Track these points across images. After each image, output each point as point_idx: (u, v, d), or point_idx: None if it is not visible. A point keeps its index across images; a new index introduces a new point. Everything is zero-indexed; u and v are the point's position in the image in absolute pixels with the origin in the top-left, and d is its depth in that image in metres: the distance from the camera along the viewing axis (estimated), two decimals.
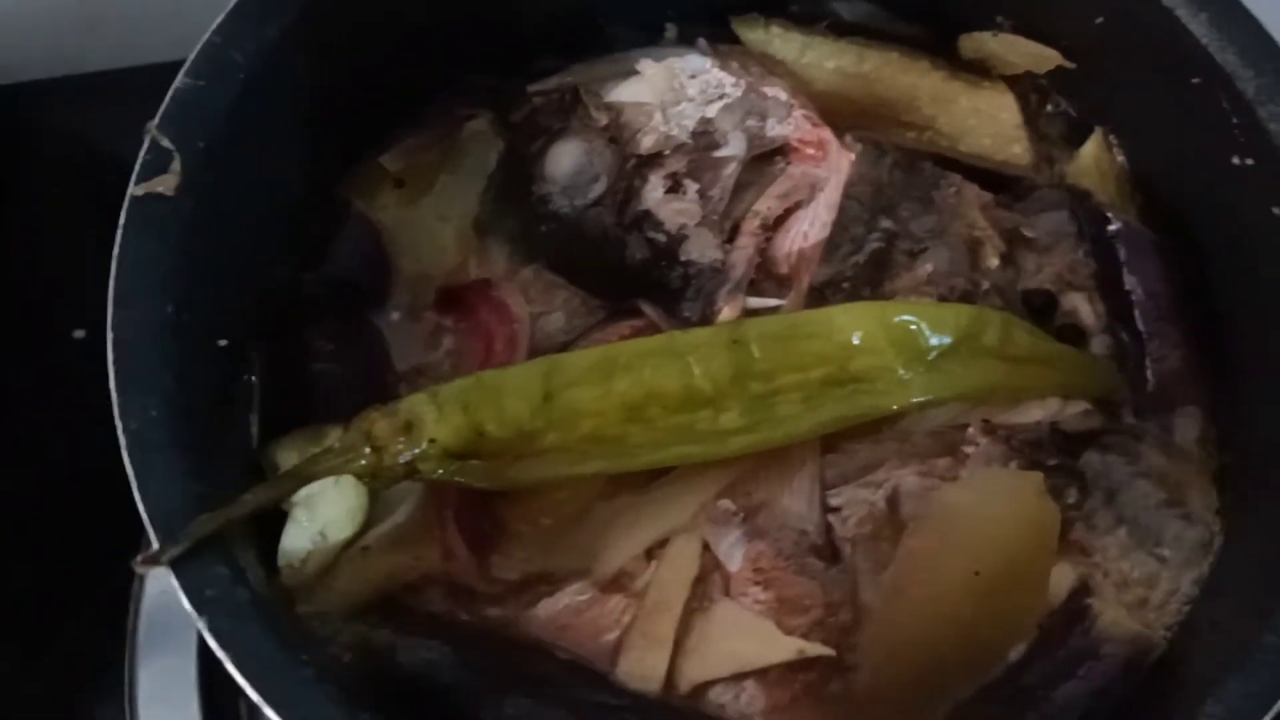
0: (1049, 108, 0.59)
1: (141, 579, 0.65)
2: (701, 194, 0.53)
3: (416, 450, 0.45)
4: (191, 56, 0.47)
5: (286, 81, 0.50)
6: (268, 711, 0.38)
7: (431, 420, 0.46)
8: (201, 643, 0.64)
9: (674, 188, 0.53)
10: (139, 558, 0.39)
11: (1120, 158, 0.57)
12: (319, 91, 0.52)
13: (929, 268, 0.53)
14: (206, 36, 0.48)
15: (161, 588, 0.67)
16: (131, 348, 0.43)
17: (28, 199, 0.77)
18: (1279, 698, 0.39)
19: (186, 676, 0.63)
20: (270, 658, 0.39)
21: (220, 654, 0.38)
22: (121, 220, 0.44)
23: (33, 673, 0.67)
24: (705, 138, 0.54)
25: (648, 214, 0.53)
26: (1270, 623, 0.41)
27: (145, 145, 0.46)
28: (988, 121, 0.58)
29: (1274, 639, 0.41)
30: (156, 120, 0.46)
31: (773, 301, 0.52)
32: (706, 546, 0.50)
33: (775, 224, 0.54)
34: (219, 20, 0.48)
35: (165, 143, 0.46)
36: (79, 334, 0.72)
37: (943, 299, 0.53)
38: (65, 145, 0.79)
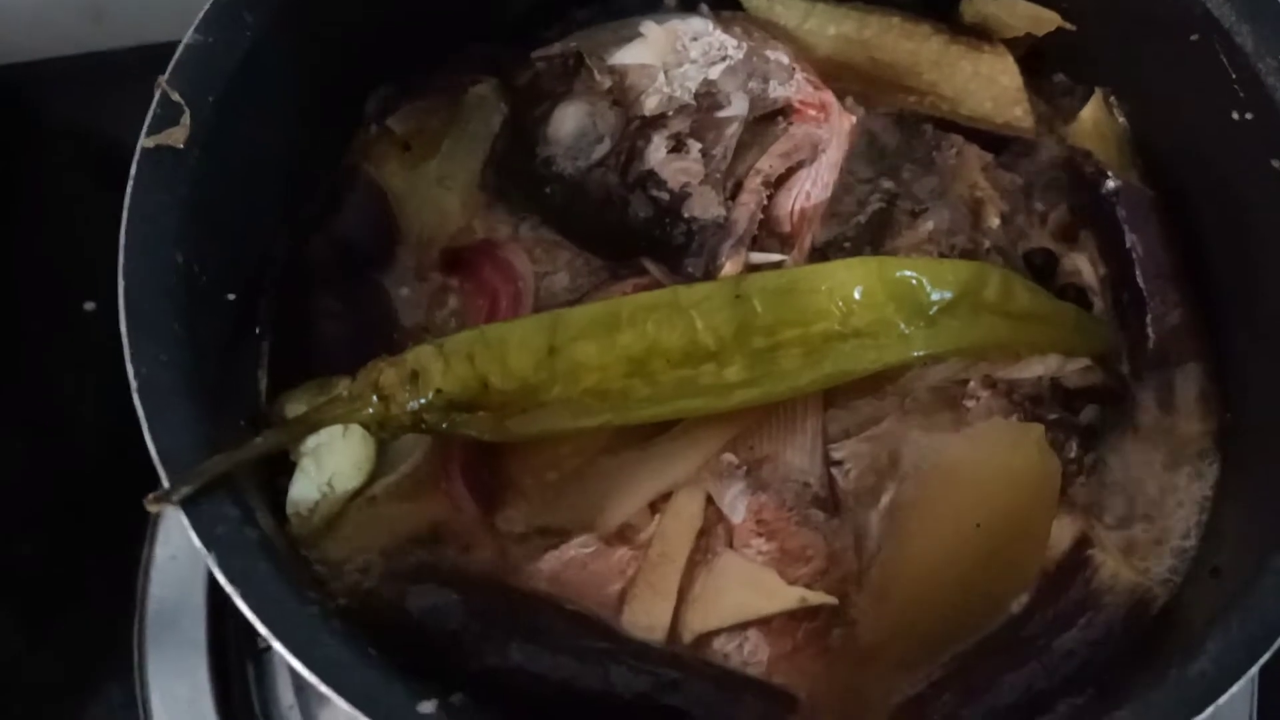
0: (1051, 71, 0.59)
1: (149, 558, 0.66)
2: (704, 153, 0.53)
3: (422, 400, 0.46)
4: (202, 13, 0.48)
5: (295, 42, 0.51)
6: (276, 646, 0.38)
7: (437, 371, 0.46)
8: (210, 620, 0.65)
9: (677, 147, 0.53)
10: (150, 495, 0.40)
11: (1121, 119, 0.58)
12: (328, 54, 0.53)
13: (929, 226, 0.54)
14: None
15: (171, 553, 0.68)
16: (141, 295, 0.43)
17: (38, 176, 0.78)
18: (1273, 641, 0.40)
19: (197, 653, 0.64)
20: (277, 594, 0.39)
21: (229, 589, 0.39)
22: (132, 172, 0.45)
23: (42, 651, 0.67)
24: (708, 98, 0.55)
25: (651, 173, 0.53)
26: (1266, 569, 0.41)
27: (155, 99, 0.46)
28: (989, 85, 0.59)
29: (1272, 581, 0.41)
30: (167, 74, 0.47)
31: (775, 256, 0.52)
32: (710, 500, 0.50)
33: (777, 182, 0.54)
34: None
35: (175, 97, 0.46)
36: (90, 306, 0.73)
37: (943, 256, 0.53)
38: (74, 123, 0.80)
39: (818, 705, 0.47)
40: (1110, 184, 0.55)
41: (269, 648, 0.43)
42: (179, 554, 0.67)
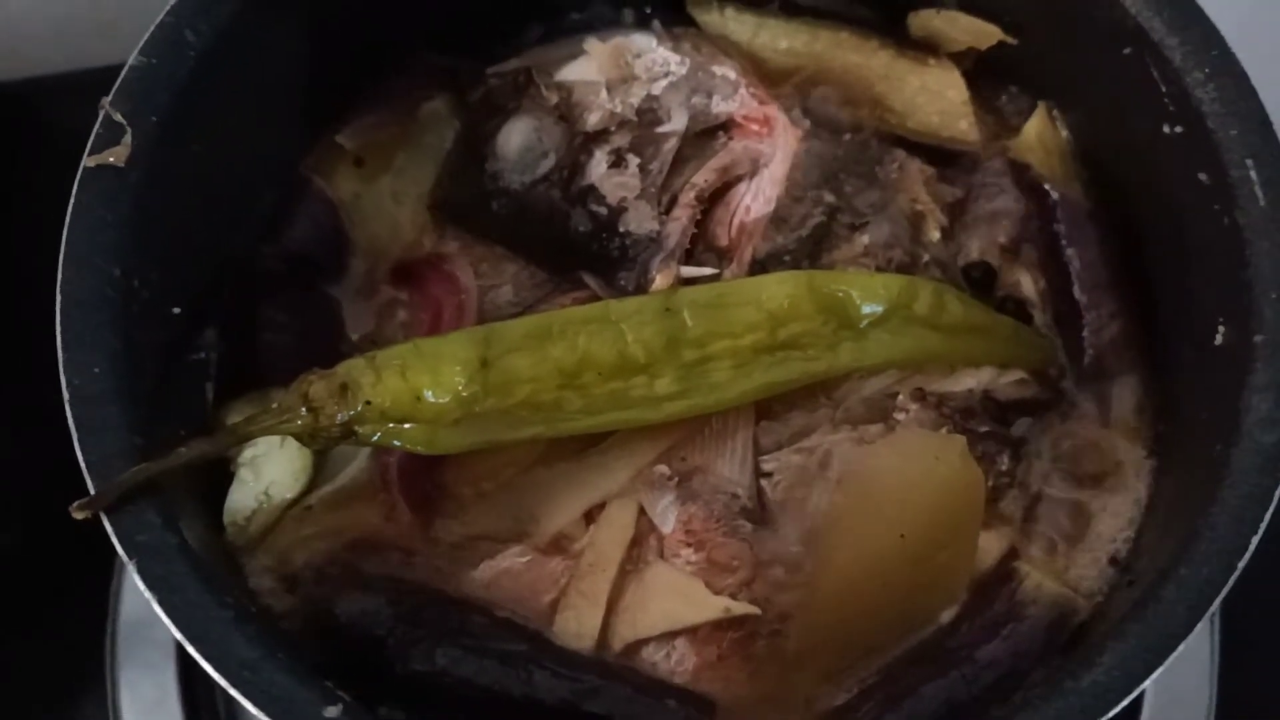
0: (998, 85, 0.60)
1: (119, 584, 0.67)
2: (642, 168, 0.54)
3: (352, 412, 0.47)
4: (146, 36, 0.49)
5: (240, 61, 0.52)
6: (190, 650, 0.40)
7: (368, 384, 0.47)
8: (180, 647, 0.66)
9: (617, 162, 0.54)
10: (75, 504, 0.41)
11: (1064, 132, 0.58)
12: (274, 71, 0.54)
13: (866, 239, 0.54)
14: (161, 17, 0.50)
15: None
16: (78, 307, 0.45)
17: (50, 188, 0.80)
18: (1169, 652, 0.40)
19: (166, 656, 0.66)
20: (194, 598, 0.40)
21: (147, 594, 0.40)
22: (74, 189, 0.47)
23: (15, 650, 0.69)
24: (649, 114, 0.56)
25: (591, 188, 0.54)
26: (1169, 579, 0.42)
27: (99, 119, 0.48)
28: (935, 99, 0.59)
29: (1172, 592, 0.41)
30: (110, 96, 0.48)
31: (706, 271, 0.53)
32: (642, 511, 0.51)
33: (714, 197, 0.55)
34: (173, 1, 0.50)
35: (118, 117, 0.48)
36: None
37: (880, 270, 0.54)
38: (85, 137, 0.82)
39: (739, 712, 0.48)
40: (1049, 197, 0.55)
41: None
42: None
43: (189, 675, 0.65)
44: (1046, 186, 0.55)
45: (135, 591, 0.67)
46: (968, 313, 0.53)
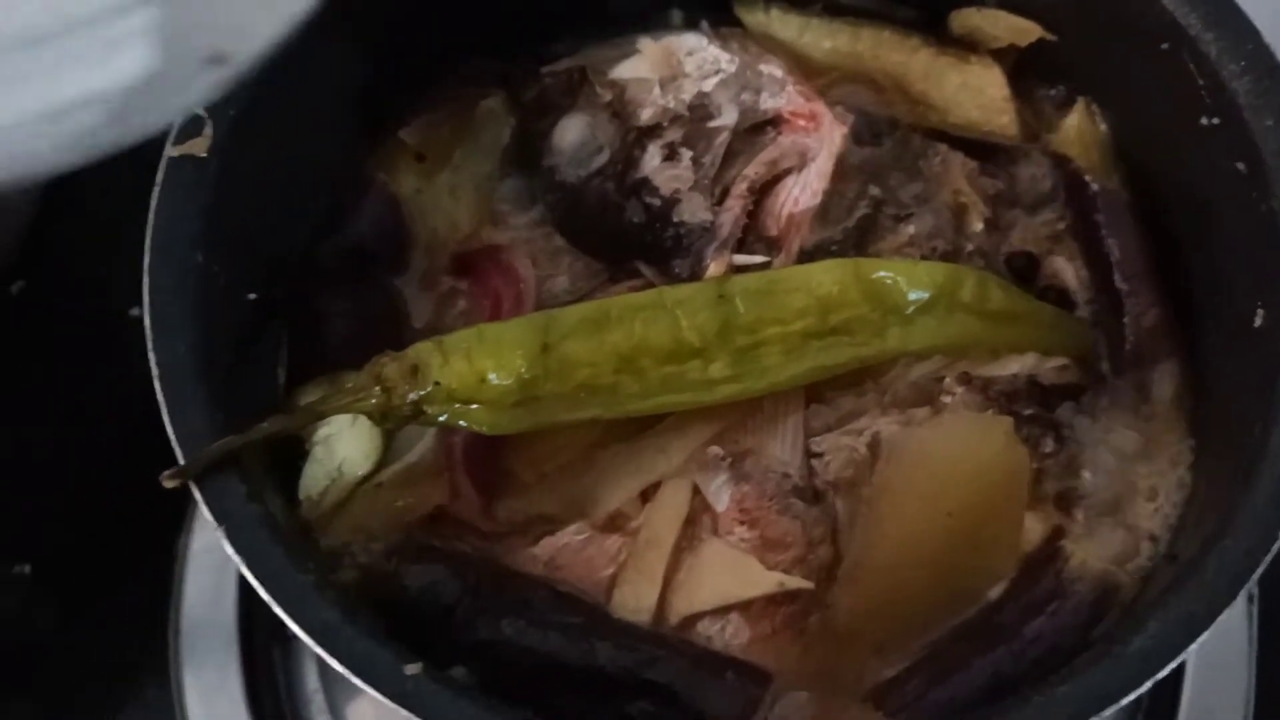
0: (1038, 81, 0.62)
1: (185, 548, 0.70)
2: (695, 161, 0.56)
3: (423, 392, 0.49)
4: None
5: (313, 60, 0.53)
6: (277, 611, 0.42)
7: (436, 365, 0.49)
8: (240, 608, 0.68)
9: (670, 156, 0.56)
10: (166, 472, 0.43)
11: (1103, 126, 0.59)
12: (339, 72, 0.57)
13: (911, 230, 0.56)
14: None
15: (206, 544, 0.72)
16: (165, 292, 0.47)
17: (86, 187, 0.82)
18: (1213, 618, 0.41)
19: (228, 639, 0.67)
20: (278, 564, 0.43)
21: (235, 559, 0.42)
22: (158, 178, 0.49)
23: (80, 637, 0.71)
24: (701, 110, 0.57)
25: (645, 181, 0.56)
26: (1210, 550, 0.43)
27: None
28: (976, 95, 0.61)
29: (1214, 562, 0.43)
30: None
31: (758, 258, 0.55)
32: (697, 490, 0.53)
33: (765, 189, 0.57)
34: None
35: (200, 111, 0.50)
36: (135, 312, 0.77)
37: (924, 259, 0.56)
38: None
39: (792, 683, 0.49)
40: (1089, 188, 0.57)
41: (295, 636, 0.46)
42: (213, 545, 0.70)
43: (251, 661, 0.67)
44: (1087, 178, 0.57)
45: (196, 574, 0.70)
46: (1010, 300, 0.54)
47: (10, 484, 0.72)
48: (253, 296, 0.53)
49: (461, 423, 0.50)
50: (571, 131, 0.59)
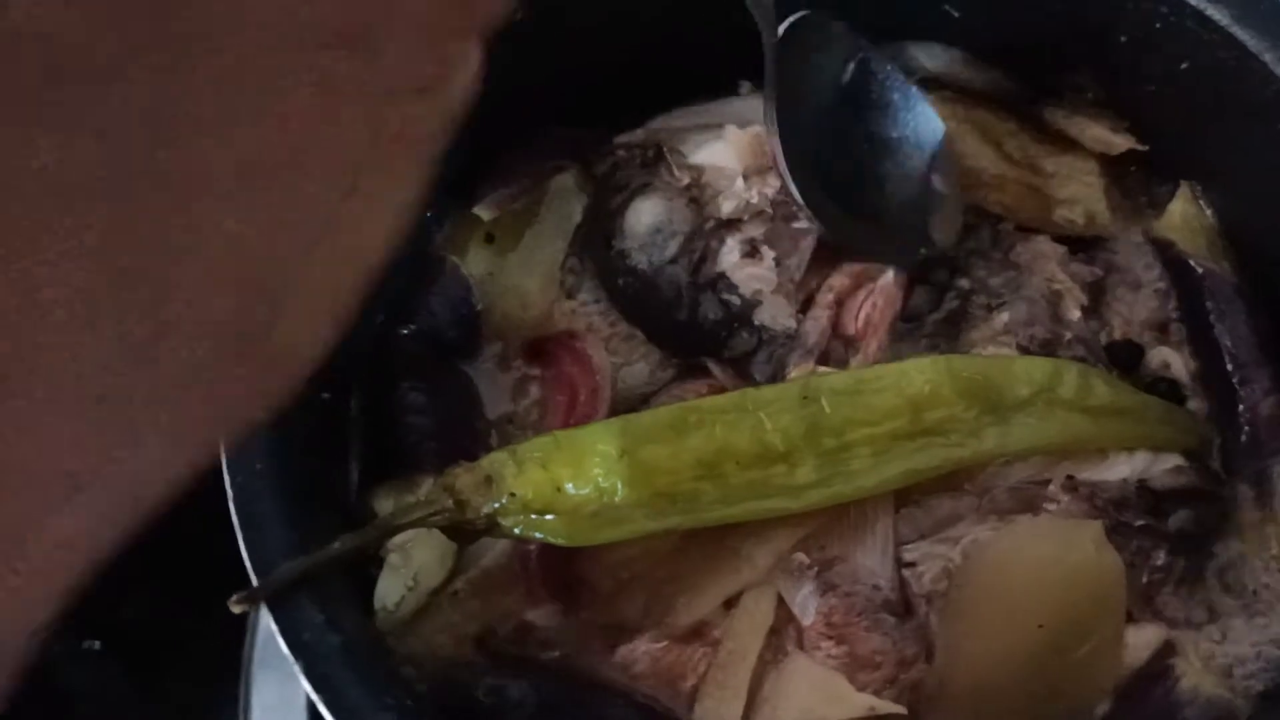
0: (1136, 168, 0.59)
1: (251, 641, 0.69)
2: (778, 262, 0.54)
3: (497, 504, 0.48)
4: None
5: None
6: None
7: (510, 475, 0.48)
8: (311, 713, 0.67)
9: (750, 253, 0.54)
10: (235, 596, 0.42)
11: (1209, 211, 0.56)
12: None
13: (1005, 318, 0.54)
14: None
15: (274, 646, 0.71)
16: None
17: None
18: None
19: (297, 701, 0.67)
20: (357, 701, 0.41)
21: (313, 695, 0.41)
22: None
23: (151, 696, 0.71)
24: (784, 208, 0.55)
25: (722, 276, 0.54)
26: None
27: None
28: (1070, 184, 0.58)
29: None
30: None
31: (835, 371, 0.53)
32: (781, 600, 0.51)
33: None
34: None
35: None
36: None
37: (1022, 348, 0.53)
38: None
39: None
40: (1195, 272, 0.54)
41: None
42: None
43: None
44: (1191, 262, 0.54)
45: (266, 637, 0.69)
46: (1115, 394, 0.52)
47: None
48: (325, 396, 0.52)
49: (537, 534, 0.49)
50: (647, 214, 0.57)
